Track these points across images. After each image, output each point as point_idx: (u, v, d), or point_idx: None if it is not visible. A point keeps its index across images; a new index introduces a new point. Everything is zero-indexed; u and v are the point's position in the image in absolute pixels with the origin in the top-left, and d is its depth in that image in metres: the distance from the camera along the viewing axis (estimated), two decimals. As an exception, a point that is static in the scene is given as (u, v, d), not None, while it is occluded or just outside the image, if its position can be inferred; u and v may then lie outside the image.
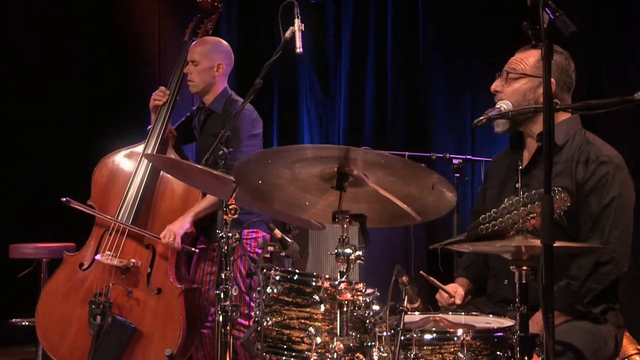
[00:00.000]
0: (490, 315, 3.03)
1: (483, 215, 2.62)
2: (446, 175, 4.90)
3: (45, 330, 4.56)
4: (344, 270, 2.58)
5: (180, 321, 4.35)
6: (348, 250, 2.58)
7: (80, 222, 4.71)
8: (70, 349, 4.48)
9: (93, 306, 4.33)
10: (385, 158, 2.52)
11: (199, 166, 3.16)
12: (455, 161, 4.67)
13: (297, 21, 3.57)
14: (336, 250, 2.57)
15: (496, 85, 3.26)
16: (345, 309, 2.59)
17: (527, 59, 3.24)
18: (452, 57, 6.23)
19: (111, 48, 6.74)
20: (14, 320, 5.44)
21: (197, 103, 4.85)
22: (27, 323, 4.79)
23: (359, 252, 2.58)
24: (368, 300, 2.88)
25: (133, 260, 4.44)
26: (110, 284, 4.39)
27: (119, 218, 4.52)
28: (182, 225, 4.36)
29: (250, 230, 4.45)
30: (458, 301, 3.30)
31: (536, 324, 3.03)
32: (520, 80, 3.21)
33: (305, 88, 6.81)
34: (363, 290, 2.83)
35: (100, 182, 4.69)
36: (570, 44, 2.69)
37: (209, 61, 4.50)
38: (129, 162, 4.68)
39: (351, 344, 2.58)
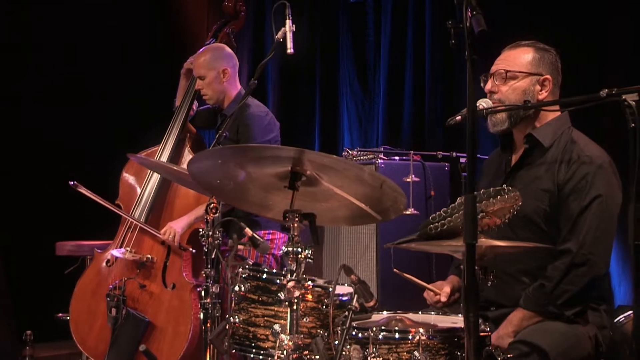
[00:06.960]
0: (460, 315, 3.01)
1: (433, 215, 2.60)
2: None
3: (76, 325, 4.75)
4: (294, 269, 2.60)
5: (191, 316, 4.42)
6: (297, 249, 2.61)
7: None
8: (96, 342, 4.65)
9: (108, 299, 4.46)
10: (327, 159, 2.54)
11: (176, 167, 3.23)
12: (462, 160, 4.58)
13: (288, 22, 3.62)
14: (285, 249, 2.60)
15: (491, 86, 3.23)
16: (295, 307, 2.61)
17: (521, 56, 3.22)
18: (491, 57, 6.11)
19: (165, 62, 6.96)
20: (60, 315, 5.62)
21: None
22: (71, 318, 4.96)
23: (308, 251, 2.60)
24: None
25: (148, 255, 4.57)
26: (125, 278, 4.52)
27: (134, 215, 4.66)
28: (183, 226, 4.50)
29: (267, 231, 4.53)
30: (443, 298, 3.24)
31: (509, 323, 3.01)
32: (518, 78, 3.18)
33: (345, 87, 6.80)
34: (331, 289, 2.87)
35: (127, 182, 4.87)
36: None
37: (214, 71, 4.57)
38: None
39: (300, 342, 2.60)
